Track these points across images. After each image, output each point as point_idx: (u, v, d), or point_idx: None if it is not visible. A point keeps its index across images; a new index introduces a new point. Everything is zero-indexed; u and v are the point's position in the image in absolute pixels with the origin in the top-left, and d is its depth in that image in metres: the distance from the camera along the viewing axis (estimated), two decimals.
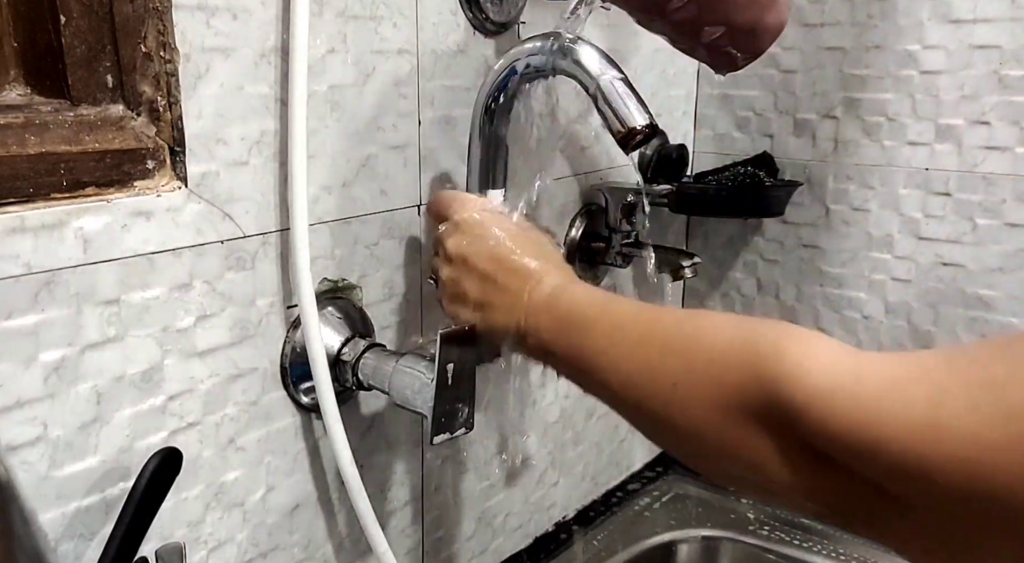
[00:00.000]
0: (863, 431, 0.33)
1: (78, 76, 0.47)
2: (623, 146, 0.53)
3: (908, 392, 0.32)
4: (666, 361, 0.44)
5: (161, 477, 0.48)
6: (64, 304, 0.46)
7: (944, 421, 0.30)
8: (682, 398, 0.42)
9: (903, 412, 0.32)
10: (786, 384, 0.36)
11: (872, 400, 0.33)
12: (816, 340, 0.38)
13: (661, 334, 0.47)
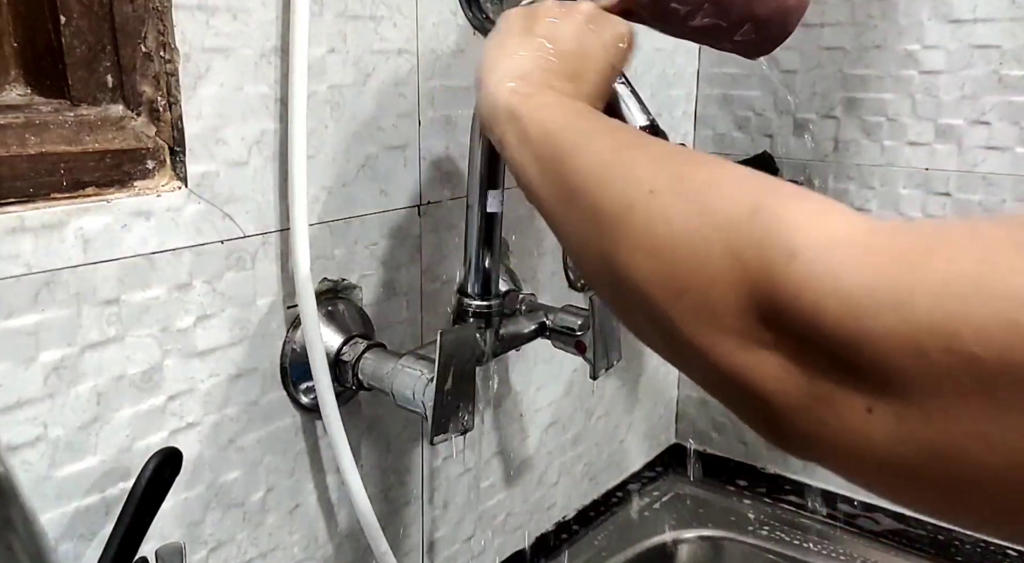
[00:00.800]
0: (886, 282, 0.26)
1: (78, 76, 0.47)
2: None
3: (955, 247, 0.26)
4: (653, 168, 0.37)
5: (161, 477, 0.48)
6: (64, 304, 0.46)
7: (991, 278, 0.24)
8: (655, 207, 0.35)
9: (949, 268, 0.26)
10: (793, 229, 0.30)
11: (913, 254, 0.27)
12: (825, 203, 0.31)
13: (661, 146, 0.40)
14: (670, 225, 0.34)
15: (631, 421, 1.04)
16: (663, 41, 0.94)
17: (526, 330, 0.71)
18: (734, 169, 0.36)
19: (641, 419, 1.06)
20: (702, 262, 0.32)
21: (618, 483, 1.04)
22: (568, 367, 0.90)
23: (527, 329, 0.71)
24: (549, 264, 0.85)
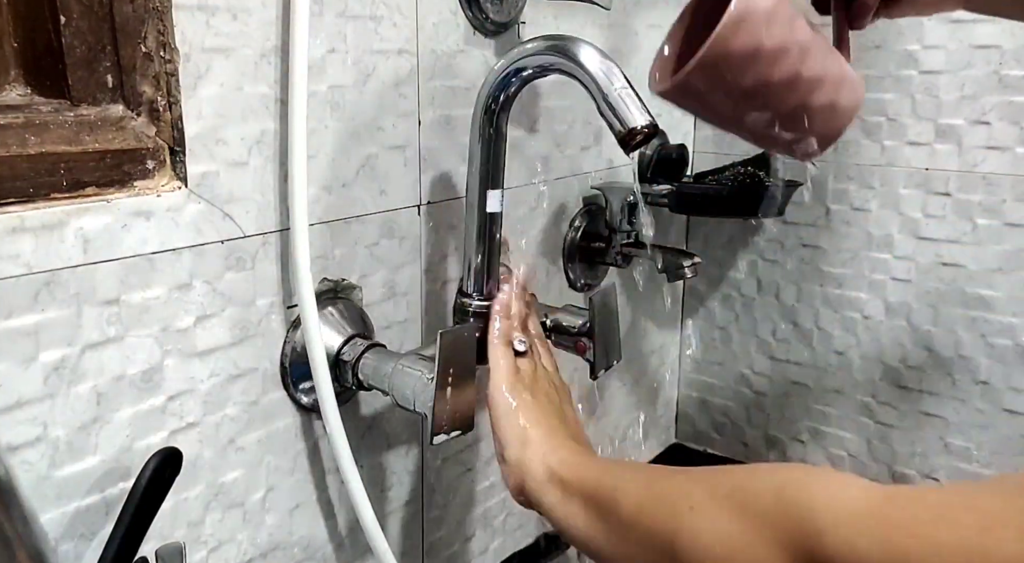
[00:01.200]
0: (904, 552, 0.32)
1: (78, 76, 0.47)
2: (623, 146, 0.53)
3: (956, 518, 0.32)
4: (686, 487, 0.43)
5: (161, 477, 0.48)
6: (64, 304, 0.46)
7: (992, 548, 0.30)
8: (698, 522, 0.41)
9: (951, 536, 0.31)
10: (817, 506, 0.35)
11: (918, 524, 0.32)
12: (841, 475, 0.38)
13: (686, 471, 0.46)
14: (715, 534, 0.40)
15: (631, 421, 1.04)
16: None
17: None
18: (756, 469, 0.43)
19: (641, 419, 1.06)
20: (749, 555, 0.37)
21: None
22: (568, 367, 0.89)
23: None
24: (549, 264, 0.85)
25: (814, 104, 0.57)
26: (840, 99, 0.58)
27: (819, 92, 0.57)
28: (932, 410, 0.93)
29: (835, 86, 0.57)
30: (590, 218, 0.88)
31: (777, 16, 0.54)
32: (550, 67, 0.56)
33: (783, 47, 0.54)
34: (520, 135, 0.77)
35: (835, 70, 0.58)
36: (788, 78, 0.55)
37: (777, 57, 0.54)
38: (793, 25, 0.55)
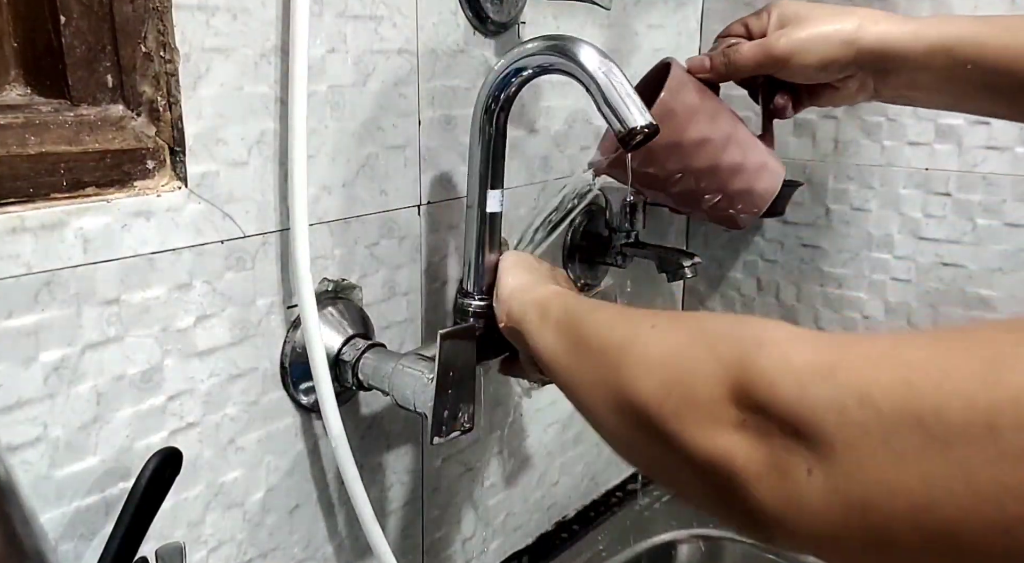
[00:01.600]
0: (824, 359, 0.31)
1: (78, 76, 0.47)
2: (624, 146, 0.53)
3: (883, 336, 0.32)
4: (653, 312, 0.45)
5: (161, 477, 0.48)
6: (64, 304, 0.46)
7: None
8: (653, 335, 0.42)
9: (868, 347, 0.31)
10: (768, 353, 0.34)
11: (845, 340, 0.32)
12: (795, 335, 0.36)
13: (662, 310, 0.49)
14: (666, 344, 0.40)
15: None
16: (663, 41, 0.94)
17: None
18: (723, 316, 0.43)
19: None
20: (691, 368, 0.37)
21: (618, 483, 1.04)
22: None
23: None
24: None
25: (732, 188, 0.64)
26: (757, 184, 0.65)
27: (738, 178, 0.64)
28: None
29: (754, 173, 0.64)
30: (590, 218, 0.88)
31: (700, 112, 0.61)
32: (550, 67, 0.56)
33: (704, 139, 0.61)
34: (520, 135, 0.77)
35: (755, 159, 0.65)
36: (708, 166, 0.63)
37: (698, 148, 0.61)
38: (716, 119, 0.62)
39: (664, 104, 0.60)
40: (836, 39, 0.61)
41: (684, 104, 0.61)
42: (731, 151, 0.63)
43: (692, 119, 0.61)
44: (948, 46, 0.59)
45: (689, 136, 0.61)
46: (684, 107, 0.61)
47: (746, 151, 0.64)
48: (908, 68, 0.61)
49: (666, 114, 0.59)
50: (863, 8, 0.63)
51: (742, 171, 0.64)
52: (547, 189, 0.82)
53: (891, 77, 0.62)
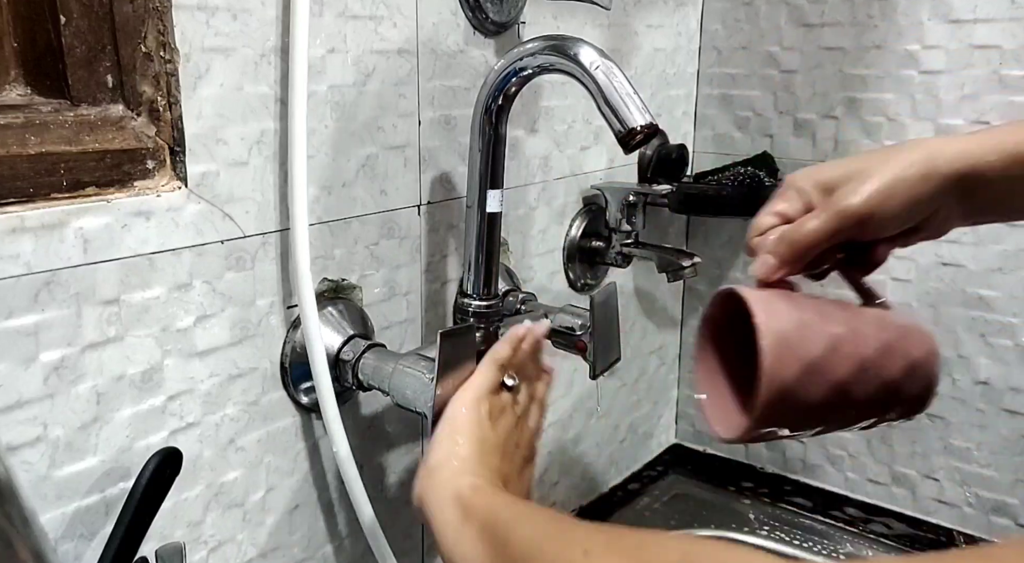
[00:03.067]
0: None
1: (78, 76, 0.47)
2: (623, 146, 0.53)
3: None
4: (587, 534, 0.42)
5: (161, 477, 0.48)
6: (64, 304, 0.46)
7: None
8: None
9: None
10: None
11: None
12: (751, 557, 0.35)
13: (591, 524, 0.44)
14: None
15: (631, 421, 1.04)
16: (663, 41, 0.94)
17: None
18: (662, 535, 0.41)
19: (641, 419, 1.06)
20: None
21: (618, 483, 1.04)
22: (568, 367, 0.89)
23: None
24: (549, 264, 0.85)
25: (893, 376, 0.51)
26: (913, 353, 0.52)
27: (891, 361, 0.51)
28: (932, 410, 0.93)
29: (902, 346, 0.52)
30: (590, 218, 0.88)
31: (806, 323, 0.50)
32: (550, 67, 0.56)
33: (831, 345, 0.50)
34: (520, 135, 0.77)
35: (891, 332, 0.52)
36: (855, 369, 0.50)
37: (831, 358, 0.49)
38: (826, 314, 0.51)
39: (769, 330, 0.48)
40: (914, 176, 0.52)
41: (787, 319, 0.50)
42: (863, 339, 0.51)
43: (804, 332, 0.50)
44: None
45: (815, 351, 0.49)
46: (790, 322, 0.50)
47: (879, 329, 0.52)
48: (995, 183, 0.52)
49: (779, 341, 0.48)
50: (917, 139, 0.56)
51: (891, 354, 0.51)
52: (547, 189, 0.82)
53: (978, 197, 0.53)
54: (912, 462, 0.96)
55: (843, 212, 0.52)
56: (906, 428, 0.95)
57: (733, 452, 1.10)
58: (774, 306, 0.51)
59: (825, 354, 0.49)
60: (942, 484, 0.94)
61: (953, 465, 0.93)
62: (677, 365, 1.13)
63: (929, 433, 0.94)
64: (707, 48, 1.01)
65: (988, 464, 0.91)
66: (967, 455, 0.92)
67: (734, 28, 0.99)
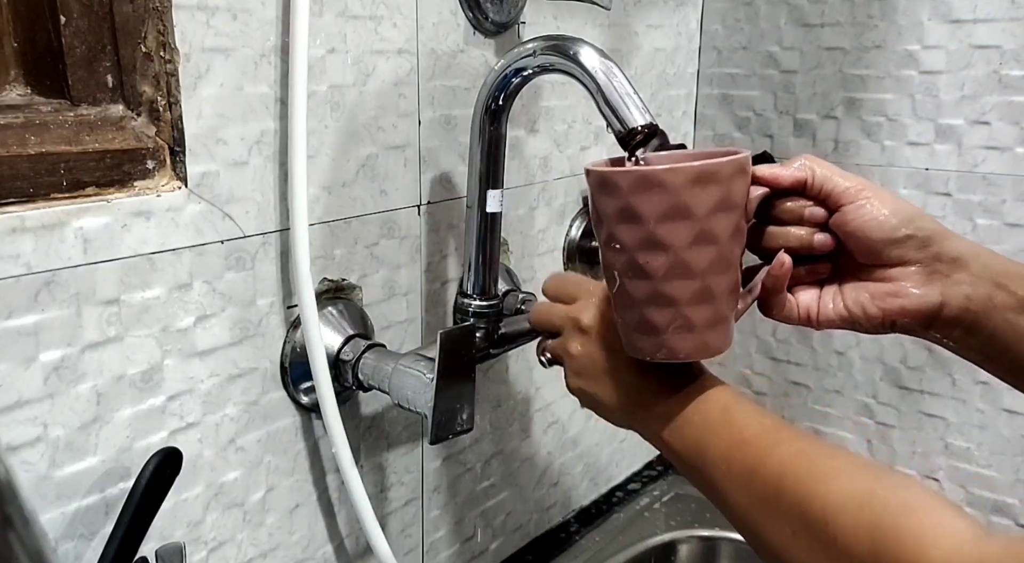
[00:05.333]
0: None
1: (78, 76, 0.47)
2: (623, 146, 0.53)
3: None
4: (783, 503, 0.41)
5: (161, 477, 0.48)
6: (64, 304, 0.46)
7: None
8: (800, 547, 0.40)
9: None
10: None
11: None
12: (942, 516, 0.36)
13: (777, 468, 0.43)
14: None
15: None
16: (663, 41, 0.94)
17: (526, 330, 0.71)
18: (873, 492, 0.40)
19: None
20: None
21: (618, 483, 1.04)
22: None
23: (527, 329, 0.71)
24: (549, 264, 0.85)
25: (685, 310, 0.48)
26: (707, 334, 0.49)
27: (700, 308, 0.48)
28: (932, 410, 0.93)
29: (714, 319, 0.49)
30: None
31: (735, 211, 0.48)
32: (550, 67, 0.56)
33: (714, 239, 0.47)
34: (520, 135, 0.77)
35: (726, 308, 0.50)
36: (692, 267, 0.47)
37: (703, 241, 0.47)
38: (737, 236, 0.48)
39: (718, 164, 0.47)
40: (916, 213, 0.49)
41: (737, 187, 0.48)
42: (719, 280, 0.49)
43: (729, 210, 0.48)
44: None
45: (712, 221, 0.47)
46: (735, 189, 0.48)
47: (729, 294, 0.50)
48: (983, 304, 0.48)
49: (712, 175, 0.46)
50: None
51: (707, 305, 0.49)
52: (547, 189, 0.82)
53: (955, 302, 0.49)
54: (912, 462, 0.96)
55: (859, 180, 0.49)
56: (906, 428, 0.95)
57: None
58: (745, 179, 0.50)
59: (707, 233, 0.47)
60: (942, 484, 0.94)
61: (953, 465, 0.93)
62: None
63: (929, 433, 0.94)
64: (707, 48, 1.01)
65: (988, 464, 0.91)
66: (967, 455, 0.92)
67: (734, 28, 0.99)
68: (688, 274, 0.48)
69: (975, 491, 0.92)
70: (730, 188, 0.48)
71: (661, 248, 0.47)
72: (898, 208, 0.49)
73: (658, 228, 0.47)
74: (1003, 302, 0.48)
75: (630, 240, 0.48)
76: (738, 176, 0.49)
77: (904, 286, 0.49)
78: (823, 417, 1.01)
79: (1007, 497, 0.90)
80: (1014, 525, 0.90)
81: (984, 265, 0.49)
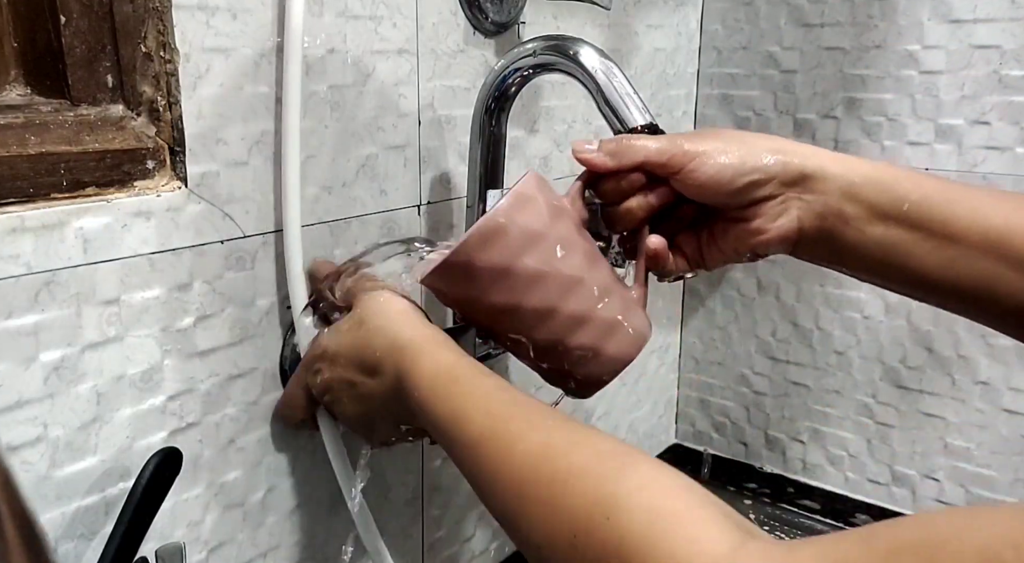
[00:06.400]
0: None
1: (78, 76, 0.47)
2: None
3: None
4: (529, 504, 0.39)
5: (161, 477, 0.48)
6: (64, 304, 0.46)
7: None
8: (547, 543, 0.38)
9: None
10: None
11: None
12: (694, 525, 0.33)
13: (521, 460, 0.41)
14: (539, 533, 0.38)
15: (631, 421, 1.04)
16: (663, 41, 0.94)
17: None
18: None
19: (641, 419, 1.06)
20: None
21: None
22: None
23: None
24: None
25: (570, 343, 0.50)
26: (605, 345, 0.51)
27: (580, 332, 0.50)
28: (932, 410, 0.93)
29: (603, 330, 0.50)
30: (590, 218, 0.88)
31: (545, 239, 0.49)
32: (550, 67, 0.56)
33: (541, 274, 0.49)
34: (520, 135, 0.77)
35: (609, 312, 0.51)
36: (542, 308, 0.49)
37: (532, 283, 0.49)
38: (568, 252, 0.50)
39: (495, 219, 0.48)
40: (761, 146, 0.50)
41: (525, 221, 0.48)
42: (577, 297, 0.49)
43: (530, 245, 0.48)
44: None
45: (523, 263, 0.48)
46: (524, 225, 0.48)
47: (600, 301, 0.50)
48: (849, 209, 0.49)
49: (498, 230, 0.48)
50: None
51: (587, 324, 0.50)
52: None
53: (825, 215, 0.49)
54: (912, 462, 0.96)
55: (675, 139, 0.50)
56: (906, 428, 0.95)
57: (733, 452, 1.10)
58: (536, 205, 0.50)
59: (528, 273, 0.48)
60: (942, 484, 0.94)
61: (953, 465, 0.93)
62: (677, 365, 1.13)
63: (929, 433, 0.94)
64: (707, 48, 1.01)
65: (988, 464, 0.91)
66: (967, 455, 0.92)
67: (734, 28, 0.99)
68: (544, 316, 0.49)
69: (975, 491, 0.92)
70: (513, 231, 0.48)
71: (507, 312, 0.50)
72: (729, 159, 0.49)
73: (492, 297, 0.49)
74: (854, 213, 0.49)
75: (485, 319, 0.51)
76: (515, 219, 0.49)
77: (762, 223, 0.50)
78: (823, 417, 1.01)
79: (1007, 497, 0.90)
80: None
81: (832, 178, 0.49)
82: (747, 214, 0.51)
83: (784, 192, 0.50)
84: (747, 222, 0.51)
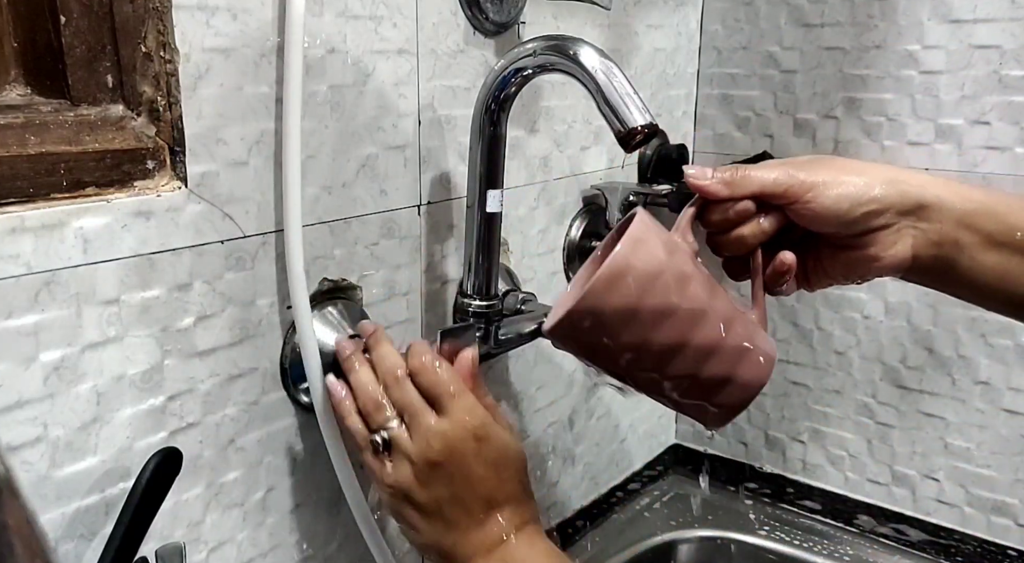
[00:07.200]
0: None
1: (78, 76, 0.47)
2: (623, 146, 0.53)
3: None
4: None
5: (161, 477, 0.48)
6: (64, 304, 0.46)
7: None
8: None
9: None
10: None
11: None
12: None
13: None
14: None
15: (631, 421, 1.04)
16: (663, 41, 0.94)
17: (526, 330, 0.71)
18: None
19: (641, 419, 1.06)
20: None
21: (618, 483, 1.04)
22: (568, 367, 0.90)
23: (527, 329, 0.71)
24: (549, 264, 0.85)
25: (704, 374, 0.51)
26: (739, 372, 0.52)
27: (712, 362, 0.51)
28: (932, 410, 0.93)
29: (735, 357, 0.51)
30: (590, 218, 0.88)
31: (665, 273, 0.49)
32: (550, 67, 0.56)
33: (668, 309, 0.49)
34: (520, 135, 0.77)
35: (737, 339, 0.52)
36: (672, 343, 0.50)
37: (660, 319, 0.49)
38: (686, 285, 0.50)
39: (617, 261, 0.48)
40: (877, 175, 0.51)
41: (644, 262, 0.49)
42: (703, 328, 0.50)
43: (654, 282, 0.49)
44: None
45: (648, 303, 0.49)
46: (644, 266, 0.49)
47: (728, 328, 0.51)
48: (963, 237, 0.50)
49: (619, 273, 0.49)
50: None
51: (718, 354, 0.51)
52: (547, 189, 0.82)
53: (940, 244, 0.51)
54: (912, 462, 0.96)
55: (791, 170, 0.51)
56: (906, 428, 0.95)
57: (733, 453, 1.10)
58: (650, 245, 0.50)
59: (654, 313, 0.50)
60: (942, 484, 0.94)
61: (953, 465, 0.93)
62: None
63: (929, 433, 0.94)
64: (707, 48, 1.01)
65: (988, 464, 0.91)
66: (967, 455, 0.92)
67: (734, 28, 0.99)
68: (674, 351, 0.50)
69: (975, 491, 0.92)
70: (633, 274, 0.49)
71: (637, 352, 0.51)
72: (847, 190, 0.50)
73: (621, 339, 0.50)
74: (969, 242, 0.50)
75: (617, 361, 0.52)
76: (633, 263, 0.50)
77: (876, 251, 0.51)
78: (823, 417, 1.01)
79: (1007, 497, 0.90)
80: (1014, 525, 0.90)
81: (948, 207, 0.51)
82: (861, 242, 0.51)
83: (899, 221, 0.51)
84: (861, 249, 0.52)
